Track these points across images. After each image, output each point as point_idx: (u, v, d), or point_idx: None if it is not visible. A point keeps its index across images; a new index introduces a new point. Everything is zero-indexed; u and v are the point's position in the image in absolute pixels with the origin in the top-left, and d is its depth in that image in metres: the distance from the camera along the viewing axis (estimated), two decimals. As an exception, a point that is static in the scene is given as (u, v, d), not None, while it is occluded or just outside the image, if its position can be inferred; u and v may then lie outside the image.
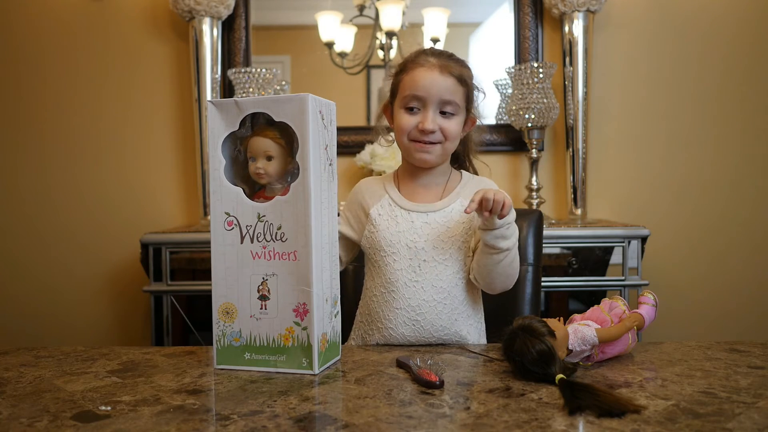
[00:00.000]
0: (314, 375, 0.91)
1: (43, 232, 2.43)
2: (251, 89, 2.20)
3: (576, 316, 1.00)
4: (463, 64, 1.17)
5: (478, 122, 1.23)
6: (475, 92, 1.19)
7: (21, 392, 0.85)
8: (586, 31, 2.24)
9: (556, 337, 0.86)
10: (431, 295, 1.12)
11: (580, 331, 0.91)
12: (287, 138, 0.98)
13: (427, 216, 1.15)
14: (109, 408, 0.78)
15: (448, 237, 1.14)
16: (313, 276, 0.91)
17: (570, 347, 0.89)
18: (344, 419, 0.74)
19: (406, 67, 1.16)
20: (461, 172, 1.24)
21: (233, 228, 0.94)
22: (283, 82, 2.39)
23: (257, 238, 0.93)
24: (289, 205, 0.92)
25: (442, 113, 1.13)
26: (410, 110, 1.14)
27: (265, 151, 0.99)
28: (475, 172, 1.28)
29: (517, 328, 0.87)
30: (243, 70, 2.22)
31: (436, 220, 1.15)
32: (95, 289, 2.43)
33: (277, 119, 0.92)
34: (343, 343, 1.15)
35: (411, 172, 1.20)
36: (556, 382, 0.82)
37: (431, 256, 1.13)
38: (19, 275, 2.44)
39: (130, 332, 2.43)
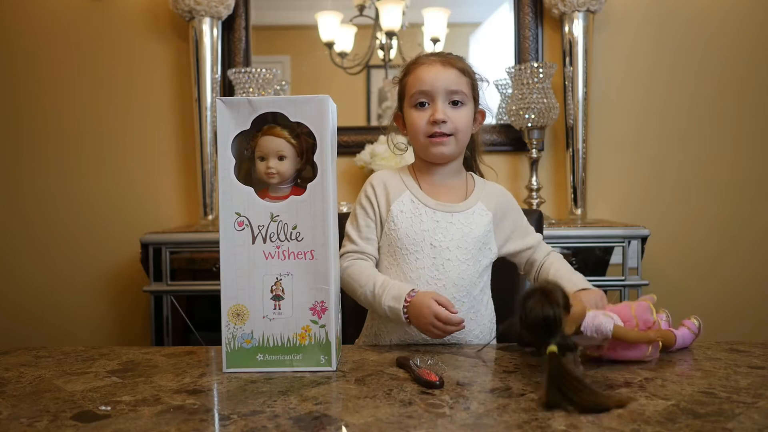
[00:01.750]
0: (333, 371, 0.93)
1: (43, 232, 2.43)
2: (251, 89, 2.20)
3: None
4: (462, 58, 1.20)
5: (487, 115, 1.25)
6: (479, 84, 1.21)
7: (21, 392, 0.85)
8: (586, 31, 2.24)
9: (570, 312, 0.84)
10: (452, 293, 1.13)
11: (598, 319, 0.88)
12: (297, 138, 0.98)
13: (452, 216, 1.16)
14: (109, 408, 0.77)
15: (472, 238, 1.16)
16: (331, 274, 0.93)
17: (582, 329, 0.88)
18: (344, 419, 0.74)
19: (408, 69, 1.19)
20: (473, 176, 1.25)
21: (244, 228, 0.94)
22: (283, 82, 2.39)
23: (270, 238, 0.93)
24: (306, 204, 0.92)
25: (452, 104, 1.15)
26: (420, 107, 1.16)
27: (278, 151, 0.98)
28: (481, 174, 1.30)
29: (539, 288, 0.85)
30: (243, 70, 2.22)
31: (460, 221, 1.16)
32: (95, 289, 2.43)
33: (293, 119, 0.92)
34: (346, 342, 1.16)
35: (428, 170, 1.21)
36: (547, 353, 0.79)
37: (455, 256, 1.14)
38: (19, 275, 2.44)
39: (130, 332, 2.43)
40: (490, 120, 2.38)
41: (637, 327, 0.95)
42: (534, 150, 2.23)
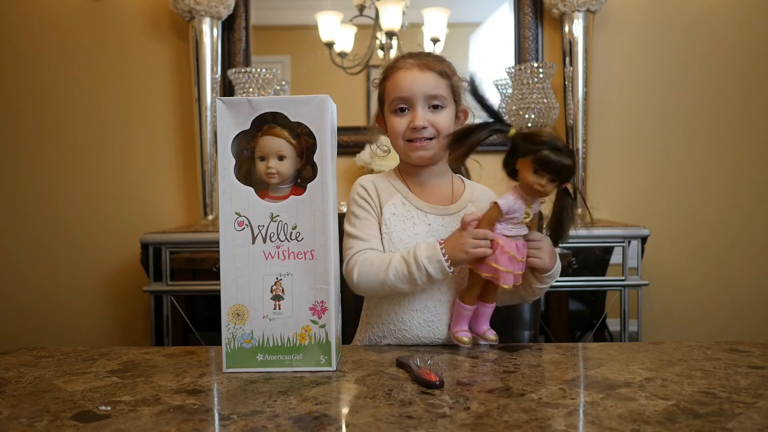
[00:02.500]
0: (332, 371, 0.92)
1: (44, 232, 2.43)
2: (251, 89, 2.20)
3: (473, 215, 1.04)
4: (441, 59, 1.19)
5: (469, 114, 1.23)
6: (460, 84, 1.19)
7: (21, 392, 0.85)
8: (586, 31, 2.24)
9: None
10: (447, 296, 1.12)
11: (519, 203, 0.99)
12: (297, 138, 0.98)
13: (443, 219, 1.15)
14: (109, 408, 0.77)
15: None
16: (331, 274, 0.93)
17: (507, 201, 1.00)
18: (344, 419, 0.74)
19: (387, 73, 1.18)
20: (460, 178, 1.25)
21: (244, 228, 0.93)
22: (283, 82, 2.39)
23: (270, 238, 0.93)
24: (306, 204, 0.92)
25: (432, 108, 1.14)
26: (400, 112, 1.15)
27: (278, 151, 0.98)
28: (467, 169, 1.29)
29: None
30: (243, 70, 2.22)
31: (451, 223, 1.15)
32: (95, 289, 2.43)
33: (293, 119, 0.92)
34: (346, 342, 1.16)
35: (415, 172, 1.20)
36: (510, 134, 0.98)
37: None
38: (19, 275, 2.44)
39: (130, 332, 2.43)
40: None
41: (515, 255, 1.01)
42: (534, 150, 2.22)
